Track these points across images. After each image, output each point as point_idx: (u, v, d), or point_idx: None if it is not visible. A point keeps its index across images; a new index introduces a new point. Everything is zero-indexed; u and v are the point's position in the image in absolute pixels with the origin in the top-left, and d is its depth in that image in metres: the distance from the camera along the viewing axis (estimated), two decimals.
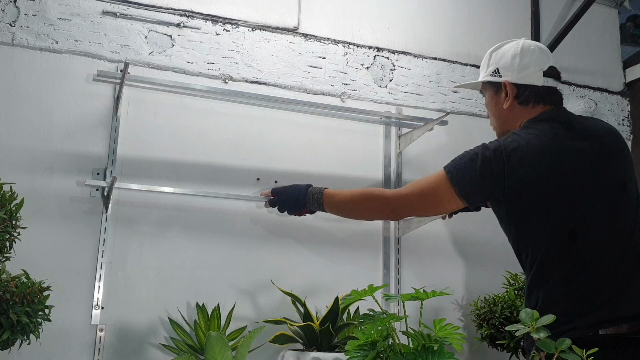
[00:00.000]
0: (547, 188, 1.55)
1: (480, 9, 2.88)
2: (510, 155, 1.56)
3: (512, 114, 1.72)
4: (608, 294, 1.49)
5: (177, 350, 1.98)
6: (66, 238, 2.08)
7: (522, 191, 1.55)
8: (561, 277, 1.52)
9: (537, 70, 1.71)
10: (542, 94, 1.71)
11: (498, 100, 1.75)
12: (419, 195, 1.69)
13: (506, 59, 1.73)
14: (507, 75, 1.72)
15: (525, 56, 1.71)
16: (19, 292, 1.60)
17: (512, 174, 1.55)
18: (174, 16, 2.36)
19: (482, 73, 1.82)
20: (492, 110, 1.80)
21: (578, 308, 1.49)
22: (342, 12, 2.63)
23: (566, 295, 1.51)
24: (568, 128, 1.64)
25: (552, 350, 0.94)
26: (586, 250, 1.51)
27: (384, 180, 2.52)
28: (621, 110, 3.03)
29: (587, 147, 1.60)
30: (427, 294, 1.25)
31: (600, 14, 3.09)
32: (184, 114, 2.30)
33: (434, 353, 1.12)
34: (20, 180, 1.93)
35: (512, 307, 2.14)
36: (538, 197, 1.55)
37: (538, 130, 1.62)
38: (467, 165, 1.60)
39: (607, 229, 1.53)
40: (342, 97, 2.53)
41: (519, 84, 1.71)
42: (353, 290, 1.29)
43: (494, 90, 1.77)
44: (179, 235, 2.21)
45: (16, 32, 2.16)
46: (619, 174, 1.60)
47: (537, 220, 1.55)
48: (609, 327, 1.45)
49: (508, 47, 1.76)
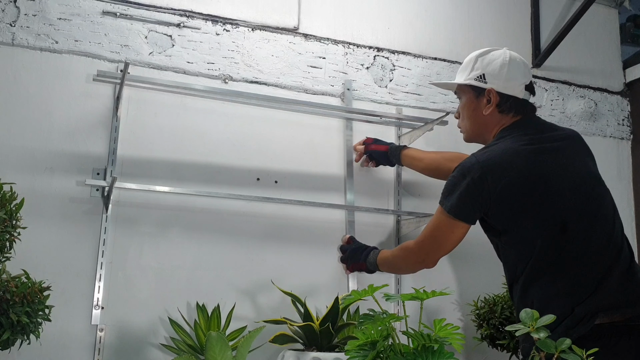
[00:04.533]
0: (531, 188, 1.63)
1: (480, 9, 2.88)
2: (490, 167, 1.64)
3: (490, 121, 1.80)
4: (599, 281, 1.54)
5: (177, 350, 1.98)
6: (66, 238, 2.08)
7: (508, 196, 1.62)
8: (556, 271, 1.57)
9: (521, 83, 1.79)
10: (521, 106, 1.79)
11: (478, 105, 1.82)
12: (430, 238, 1.81)
13: (494, 66, 1.78)
14: (493, 83, 1.78)
15: (512, 68, 1.78)
16: (19, 292, 1.60)
17: (495, 182, 1.63)
18: (174, 16, 2.36)
19: (463, 75, 1.85)
20: (468, 114, 1.85)
21: (574, 299, 1.53)
22: (342, 12, 2.63)
23: (562, 288, 1.55)
24: (539, 132, 1.74)
25: (552, 350, 0.94)
26: (576, 241, 1.59)
27: (384, 180, 2.52)
28: (621, 110, 3.03)
29: (561, 146, 1.70)
30: (427, 294, 1.25)
31: (600, 14, 3.09)
32: (184, 114, 2.30)
33: (434, 353, 1.13)
34: (20, 180, 1.93)
35: (512, 307, 2.14)
36: (525, 198, 1.63)
37: (513, 137, 1.71)
38: (453, 190, 1.70)
39: (593, 219, 1.61)
40: (342, 97, 2.53)
41: (503, 93, 1.76)
42: (353, 290, 1.29)
43: (474, 95, 1.83)
44: (179, 235, 2.21)
45: (16, 32, 2.16)
46: (593, 168, 1.73)
47: (528, 219, 1.62)
48: (604, 316, 1.49)
49: (496, 54, 1.80)
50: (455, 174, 1.71)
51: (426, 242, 1.82)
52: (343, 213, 2.41)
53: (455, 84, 1.90)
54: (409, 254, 1.89)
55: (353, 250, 2.18)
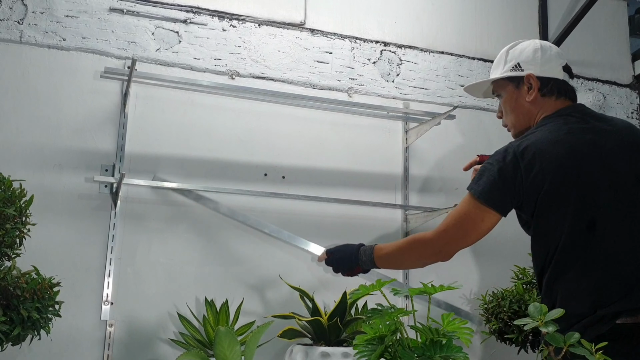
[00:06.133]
0: (563, 180, 1.55)
1: (487, 3, 2.86)
2: (524, 152, 1.57)
3: (534, 107, 1.73)
4: (627, 285, 1.49)
5: (186, 345, 1.99)
6: (75, 234, 2.09)
7: (540, 185, 1.56)
8: (581, 269, 1.52)
9: (557, 64, 1.73)
10: (563, 88, 1.73)
11: (520, 95, 1.75)
12: (455, 226, 1.67)
13: (527, 53, 1.74)
14: (530, 69, 1.72)
15: (545, 51, 1.74)
16: (29, 288, 1.61)
17: (528, 169, 1.56)
18: (181, 12, 2.36)
19: (497, 71, 1.81)
20: (511, 107, 1.78)
21: (598, 299, 1.48)
22: (348, 7, 2.63)
23: (586, 288, 1.51)
24: (582, 122, 1.65)
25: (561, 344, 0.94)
26: (605, 241, 1.52)
27: (391, 174, 2.52)
28: (630, 103, 3.01)
29: (601, 140, 1.61)
30: (435, 288, 1.24)
31: (608, 6, 3.07)
32: (192, 110, 2.31)
33: (442, 347, 1.12)
34: (29, 177, 1.95)
35: (520, 301, 2.14)
36: (555, 189, 1.55)
37: (552, 125, 1.64)
38: (484, 176, 1.61)
39: (625, 220, 1.54)
40: (349, 92, 2.53)
41: (542, 76, 1.72)
42: (361, 285, 1.29)
43: (513, 86, 1.77)
44: (188, 231, 2.22)
45: (24, 29, 2.17)
46: (636, 167, 1.60)
47: (556, 211, 1.55)
48: (627, 317, 1.45)
49: (525, 44, 1.77)
50: (488, 160, 1.64)
51: (450, 230, 1.68)
52: (350, 208, 2.41)
53: (490, 89, 1.86)
54: (423, 245, 1.76)
55: (338, 259, 1.91)
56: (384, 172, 2.52)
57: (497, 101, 1.84)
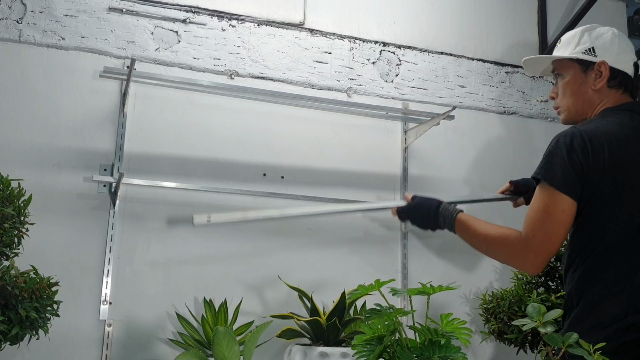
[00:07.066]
0: (617, 177, 1.48)
1: (486, 3, 2.86)
2: (592, 140, 1.50)
3: (597, 97, 1.66)
4: None
5: (184, 345, 1.98)
6: (74, 234, 2.09)
7: (602, 175, 1.48)
8: (622, 270, 1.46)
9: (630, 59, 1.68)
10: (630, 83, 1.67)
11: (585, 80, 1.67)
12: (539, 225, 1.50)
13: (604, 40, 1.67)
14: (604, 56, 1.65)
15: (622, 42, 1.68)
16: (27, 287, 1.61)
17: (594, 156, 1.48)
18: (180, 12, 2.36)
19: (567, 49, 1.72)
20: (572, 90, 1.70)
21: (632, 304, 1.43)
22: (347, 7, 2.63)
23: (623, 290, 1.44)
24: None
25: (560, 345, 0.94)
26: None
27: (390, 175, 2.52)
28: None
29: None
30: (434, 288, 1.24)
31: (607, 7, 3.07)
32: (191, 109, 2.31)
33: (441, 347, 1.12)
34: (28, 176, 1.95)
35: (519, 301, 2.14)
36: (608, 186, 1.48)
37: (618, 119, 1.58)
38: (552, 161, 1.51)
39: None
40: (348, 92, 2.53)
41: (614, 67, 1.65)
42: (360, 285, 1.29)
43: (581, 69, 1.68)
44: (186, 231, 2.21)
45: (23, 29, 2.17)
46: None
47: (611, 207, 1.49)
48: None
49: (604, 30, 1.69)
50: (552, 145, 1.52)
51: (536, 233, 1.48)
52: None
53: (549, 62, 1.76)
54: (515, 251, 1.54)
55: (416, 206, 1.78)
56: (383, 172, 2.52)
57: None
